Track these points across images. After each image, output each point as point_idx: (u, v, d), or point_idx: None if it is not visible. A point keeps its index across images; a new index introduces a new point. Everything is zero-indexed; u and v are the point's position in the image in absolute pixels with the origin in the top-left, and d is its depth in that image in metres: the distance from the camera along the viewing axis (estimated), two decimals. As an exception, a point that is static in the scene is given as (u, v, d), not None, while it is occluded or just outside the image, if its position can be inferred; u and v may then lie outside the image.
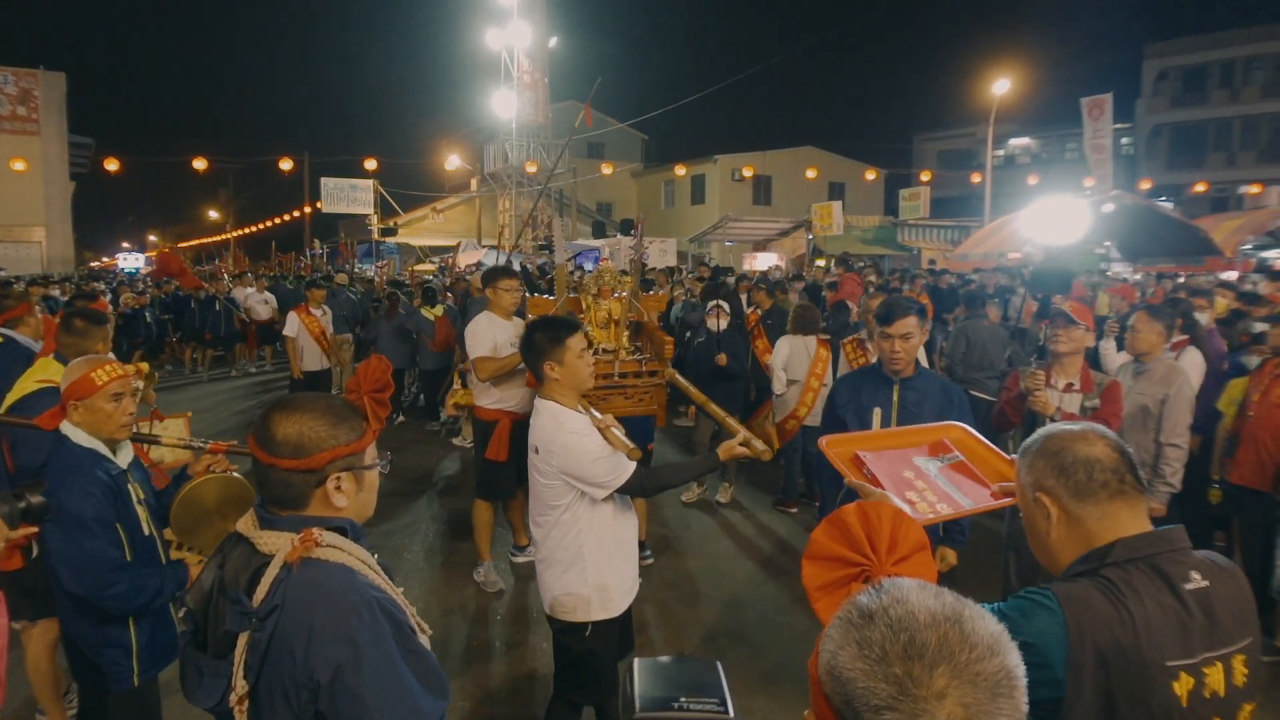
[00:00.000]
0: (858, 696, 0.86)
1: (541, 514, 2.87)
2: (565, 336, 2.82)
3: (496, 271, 5.48)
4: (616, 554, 2.88)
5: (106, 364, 2.65)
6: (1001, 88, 24.89)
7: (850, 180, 36.93)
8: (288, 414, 1.57)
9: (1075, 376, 3.98)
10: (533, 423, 2.85)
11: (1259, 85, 35.82)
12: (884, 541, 1.20)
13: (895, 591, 0.93)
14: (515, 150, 28.34)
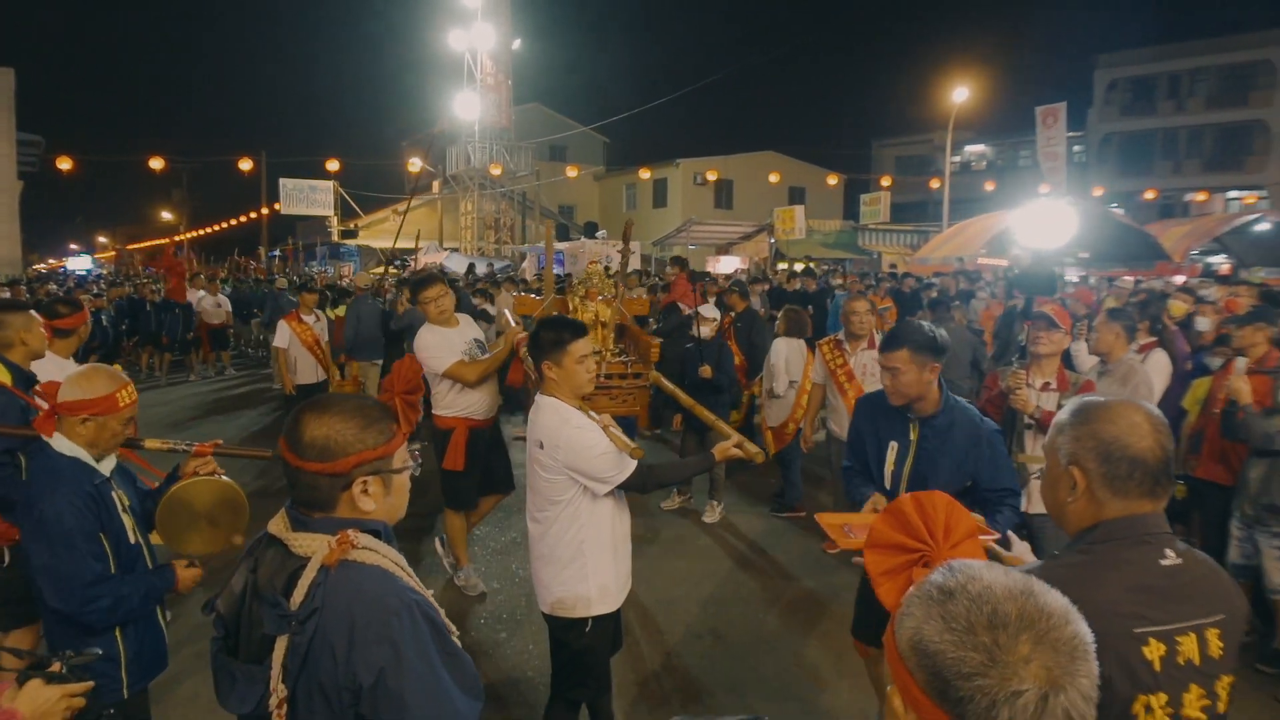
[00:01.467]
0: (948, 666, 0.92)
1: (541, 510, 2.87)
2: (568, 340, 2.81)
3: (419, 283, 4.94)
4: (615, 550, 2.91)
5: (128, 384, 2.55)
6: (960, 95, 25.40)
7: (810, 185, 37.37)
8: (317, 416, 1.56)
9: (1052, 376, 4.11)
10: (534, 419, 2.86)
11: (1203, 96, 37.02)
12: (939, 528, 1.25)
13: (968, 570, 1.00)
14: (478, 152, 28.15)
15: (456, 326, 4.87)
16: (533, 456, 2.84)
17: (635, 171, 36.84)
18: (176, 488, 2.62)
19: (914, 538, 1.24)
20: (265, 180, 27.55)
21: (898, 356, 2.84)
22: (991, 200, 39.35)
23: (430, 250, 26.69)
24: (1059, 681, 0.89)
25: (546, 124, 37.85)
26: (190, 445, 2.72)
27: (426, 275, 5.07)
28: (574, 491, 2.79)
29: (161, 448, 2.74)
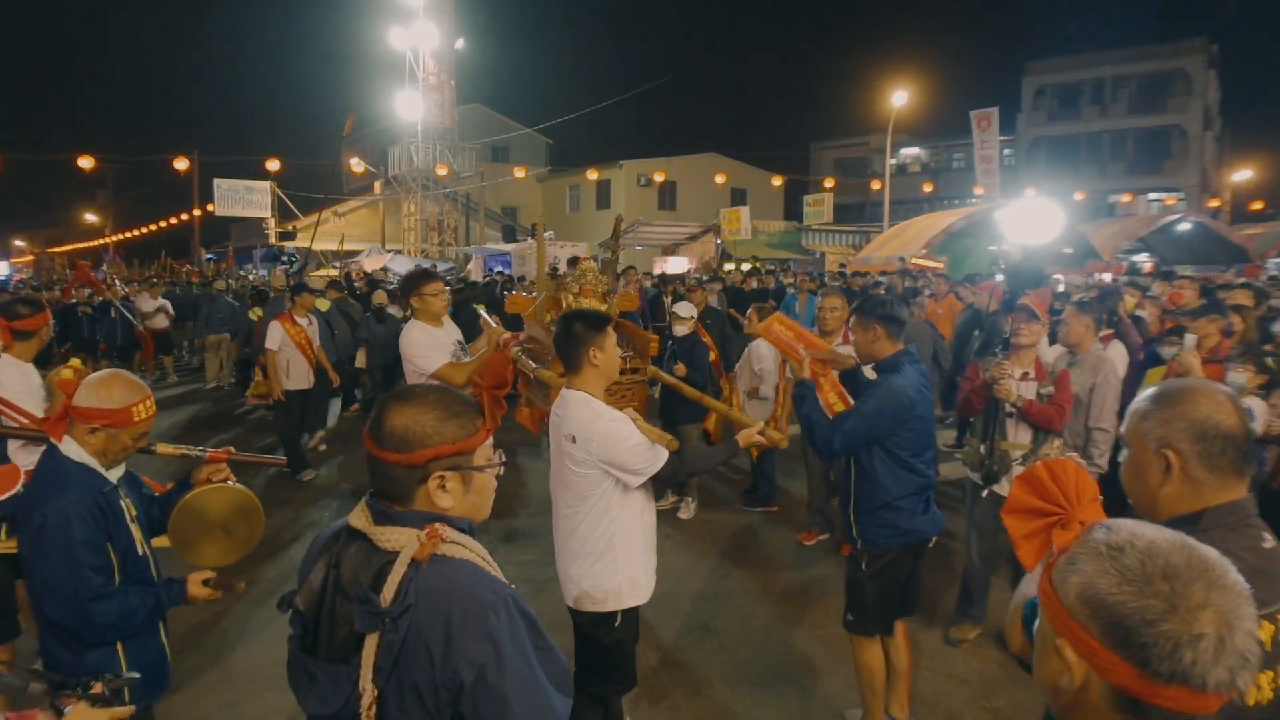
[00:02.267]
0: (1130, 615, 0.97)
1: (570, 505, 2.85)
2: (606, 324, 2.86)
3: (420, 277, 4.85)
4: (644, 544, 2.91)
5: (148, 397, 2.42)
6: (899, 100, 25.98)
7: (752, 186, 37.80)
8: (401, 405, 1.52)
9: (1030, 366, 4.25)
10: (563, 413, 2.84)
11: (1125, 102, 38.63)
12: (1072, 492, 1.29)
13: (1127, 527, 1.06)
14: (420, 152, 27.72)
15: (444, 327, 4.79)
16: (563, 451, 2.82)
17: (579, 173, 36.80)
18: (190, 496, 2.51)
19: (1050, 502, 1.30)
20: (198, 180, 26.67)
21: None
22: (927, 201, 40.49)
23: (372, 253, 26.23)
24: (1231, 623, 0.96)
25: (488, 125, 37.52)
26: (203, 451, 2.62)
27: (423, 271, 4.93)
28: (606, 485, 2.78)
29: (174, 453, 2.65)
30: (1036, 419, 4.22)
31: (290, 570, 5.44)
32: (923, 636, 4.56)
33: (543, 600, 4.98)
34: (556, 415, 2.89)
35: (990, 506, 4.38)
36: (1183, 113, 37.09)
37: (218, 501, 2.53)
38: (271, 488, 7.34)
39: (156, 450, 2.61)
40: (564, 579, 2.94)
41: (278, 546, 5.91)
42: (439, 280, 4.78)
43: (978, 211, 21.10)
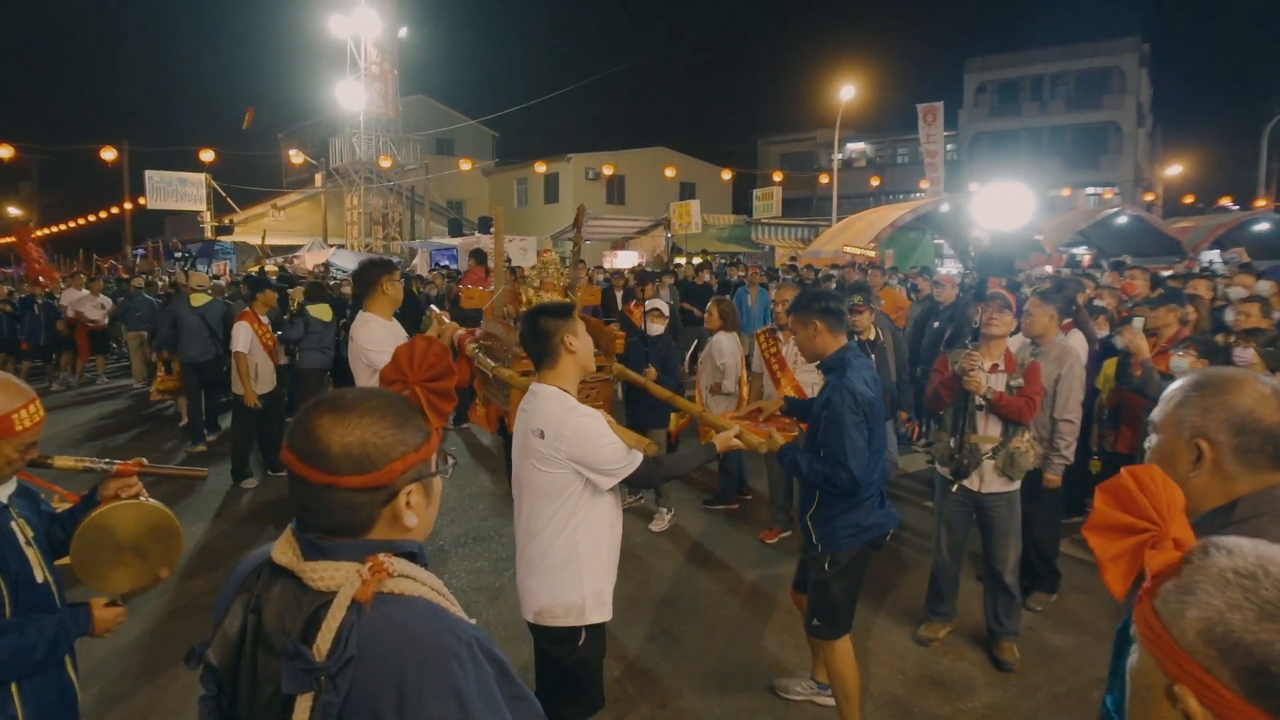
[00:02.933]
0: (1276, 659, 0.81)
1: (533, 507, 2.62)
2: (571, 310, 2.68)
3: (379, 265, 4.63)
4: (610, 554, 2.70)
5: (32, 400, 2.05)
6: (847, 94, 26.14)
7: (701, 180, 37.80)
8: (341, 417, 1.24)
9: (1000, 358, 4.14)
10: (532, 408, 2.61)
11: (1063, 99, 39.57)
12: (1163, 504, 1.11)
13: (1248, 548, 0.89)
14: (363, 144, 26.99)
15: (393, 322, 4.52)
16: (528, 448, 2.59)
17: (527, 166, 36.31)
18: (95, 514, 2.18)
19: (1140, 516, 1.11)
20: (129, 172, 25.58)
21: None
22: (873, 195, 40.92)
23: (314, 247, 25.49)
24: None
25: (433, 116, 36.82)
26: (110, 464, 2.29)
27: (383, 260, 4.67)
28: (575, 487, 2.56)
29: (75, 467, 2.30)
30: (1006, 411, 4.11)
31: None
32: (892, 635, 4.45)
33: (497, 610, 4.75)
34: (524, 410, 2.66)
35: (960, 501, 4.28)
36: (1118, 109, 38.12)
37: (127, 520, 2.22)
38: (209, 495, 6.94)
39: (54, 464, 2.28)
40: (522, 590, 2.70)
41: (216, 557, 5.55)
42: (397, 270, 4.56)
43: (925, 205, 21.30)
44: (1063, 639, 4.46)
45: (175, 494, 6.53)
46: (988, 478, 4.17)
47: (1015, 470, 4.11)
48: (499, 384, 3.67)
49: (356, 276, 4.64)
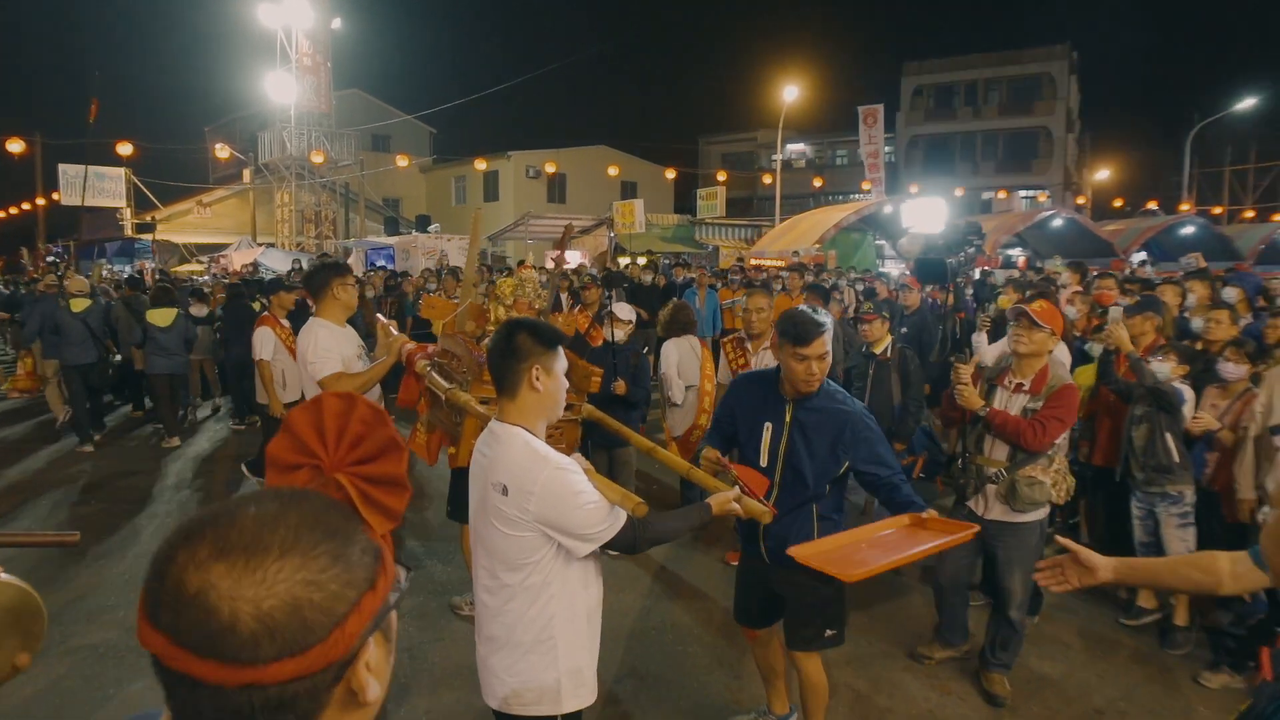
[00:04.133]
0: None
1: (494, 576, 2.19)
2: (557, 343, 2.23)
3: (333, 269, 4.35)
4: (590, 623, 2.28)
5: None
6: (790, 95, 26.13)
7: (642, 179, 37.54)
8: (244, 564, 0.73)
9: (1028, 376, 3.82)
10: (493, 453, 2.18)
11: (996, 104, 40.51)
12: None
13: None
14: (294, 139, 25.95)
15: (346, 329, 4.10)
16: (488, 504, 2.16)
17: (466, 163, 35.53)
18: None
19: None
20: (41, 166, 24.12)
21: (824, 341, 2.92)
22: (813, 196, 41.24)
23: (242, 246, 24.42)
24: None
25: (368, 111, 35.78)
26: None
27: (336, 262, 4.26)
28: (545, 552, 2.13)
29: None
30: (1001, 432, 3.81)
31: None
32: (879, 667, 4.17)
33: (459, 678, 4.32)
34: (481, 455, 2.24)
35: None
36: (1049, 115, 39.15)
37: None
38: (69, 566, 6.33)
39: None
40: (484, 670, 2.28)
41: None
42: (351, 274, 4.14)
43: (868, 207, 21.39)
44: (1051, 666, 4.24)
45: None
46: (991, 503, 3.87)
47: (1017, 501, 3.74)
48: (453, 409, 3.26)
49: (307, 280, 4.21)
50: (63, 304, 8.73)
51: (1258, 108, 32.08)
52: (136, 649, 4.22)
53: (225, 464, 8.11)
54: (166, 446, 8.61)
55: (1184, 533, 4.45)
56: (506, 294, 3.73)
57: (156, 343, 8.52)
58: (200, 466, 8.05)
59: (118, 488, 7.29)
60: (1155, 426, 4.45)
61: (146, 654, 0.74)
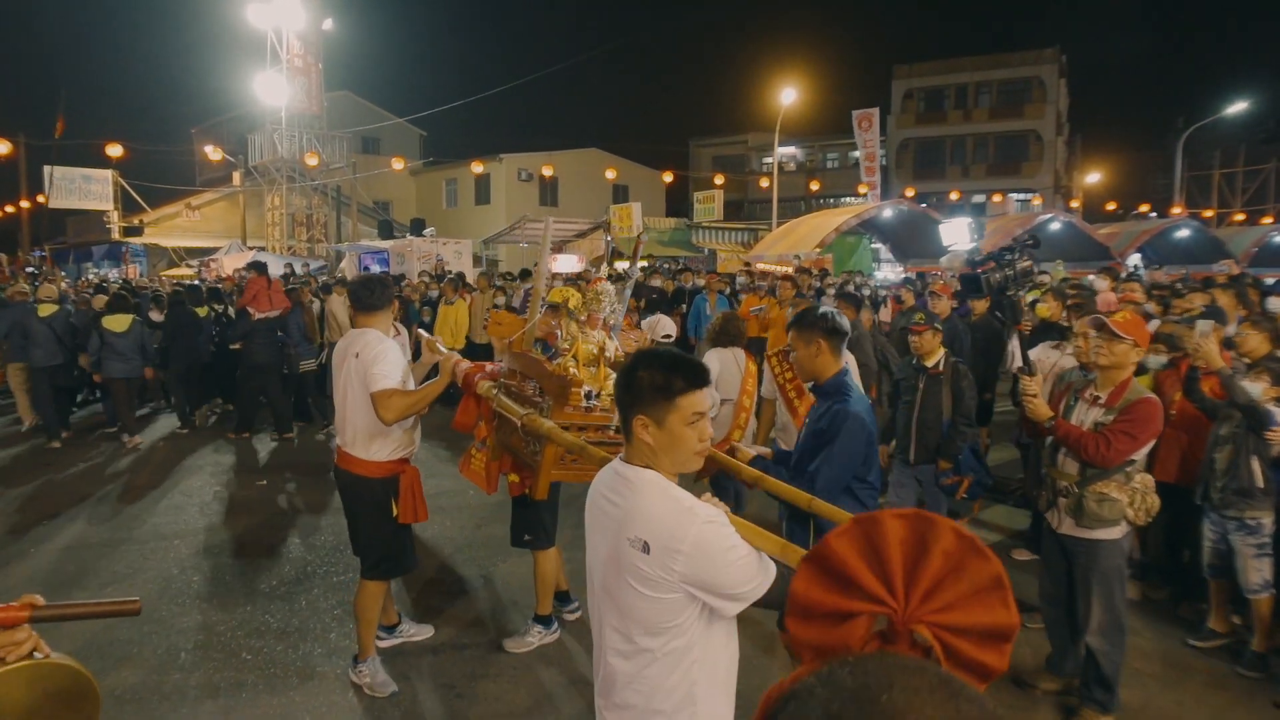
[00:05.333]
0: None
1: (631, 640, 1.91)
2: (680, 390, 1.87)
3: (382, 283, 4.08)
4: (729, 683, 2.00)
5: None
6: (787, 98, 26.02)
7: (634, 182, 37.36)
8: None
9: (1107, 390, 3.66)
10: (626, 503, 1.89)
11: (986, 107, 40.64)
12: None
13: None
14: (285, 141, 25.58)
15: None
16: (623, 561, 1.87)
17: (458, 166, 35.23)
18: None
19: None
20: (25, 167, 23.61)
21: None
22: (804, 200, 41.25)
23: (232, 249, 24.03)
24: None
25: (357, 113, 35.41)
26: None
27: (379, 278, 4.06)
28: (689, 614, 1.86)
29: None
30: (1065, 444, 3.69)
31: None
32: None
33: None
34: (609, 503, 1.95)
35: (1052, 541, 3.91)
36: (1038, 118, 39.31)
37: (16, 691, 1.46)
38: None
39: None
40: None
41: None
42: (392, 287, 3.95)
43: (869, 211, 21.29)
44: (1127, 693, 4.04)
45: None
46: (1063, 518, 3.76)
47: (1084, 517, 3.61)
48: (530, 437, 3.02)
49: (367, 294, 3.98)
50: (33, 309, 9.25)
51: (1246, 112, 32.34)
52: (161, 693, 4.00)
53: (194, 468, 8.29)
54: (130, 445, 9.02)
55: (1260, 563, 4.26)
56: (580, 308, 3.50)
57: (112, 348, 8.96)
58: (165, 472, 8.12)
59: (83, 491, 7.40)
60: (1241, 448, 4.27)
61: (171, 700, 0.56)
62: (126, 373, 9.08)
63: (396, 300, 4.12)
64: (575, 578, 5.18)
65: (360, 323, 3.96)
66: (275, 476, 7.96)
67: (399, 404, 3.62)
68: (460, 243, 23.24)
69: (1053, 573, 3.96)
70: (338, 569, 5.53)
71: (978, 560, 0.90)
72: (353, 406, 3.82)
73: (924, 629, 0.85)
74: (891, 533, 0.93)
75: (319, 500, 7.09)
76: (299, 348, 10.05)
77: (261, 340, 9.45)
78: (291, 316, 10.05)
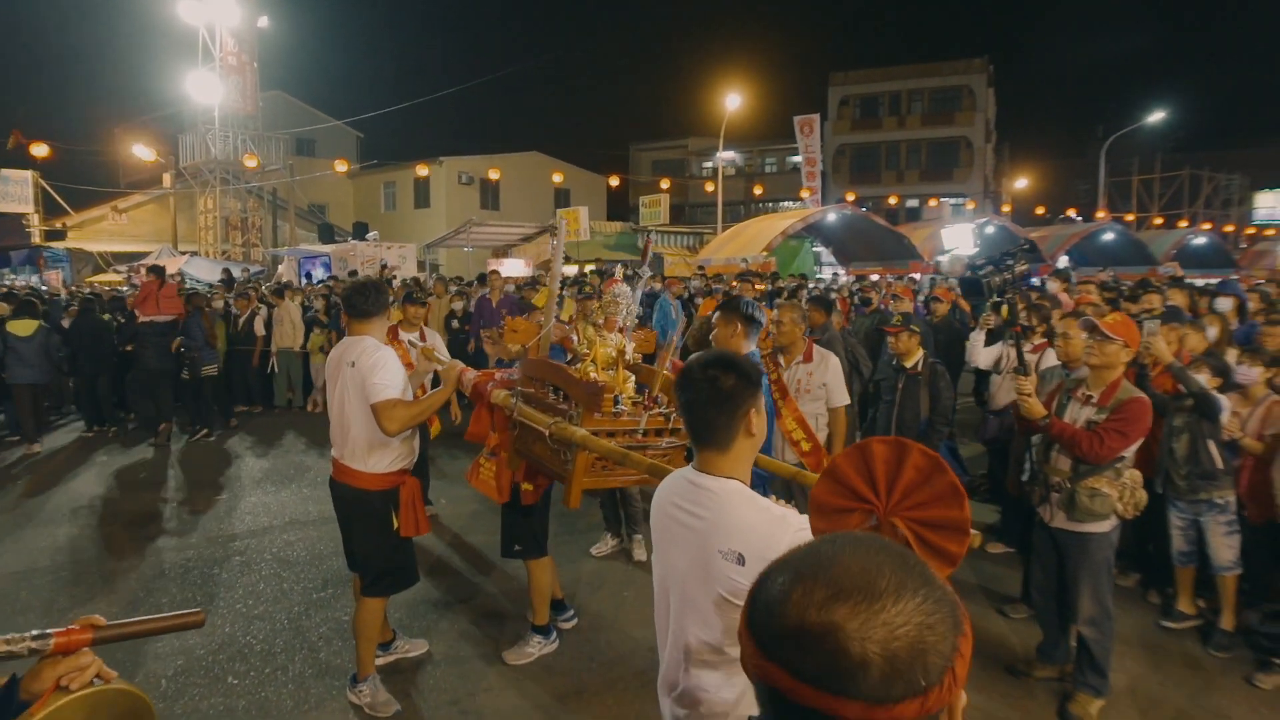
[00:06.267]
0: None
1: (720, 651, 1.89)
2: (759, 379, 1.94)
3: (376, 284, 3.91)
4: None
5: None
6: (734, 104, 26.28)
7: (576, 186, 37.27)
8: (861, 607, 0.75)
9: (1100, 390, 3.80)
10: (710, 515, 1.88)
11: (919, 114, 41.76)
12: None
13: None
14: (219, 142, 24.75)
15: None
16: (712, 574, 1.85)
17: (398, 169, 34.63)
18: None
19: None
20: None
21: None
22: (743, 204, 41.74)
23: (163, 254, 23.14)
24: None
25: (290, 114, 34.55)
26: (44, 637, 1.34)
27: (375, 284, 3.85)
28: None
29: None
30: (1059, 441, 3.84)
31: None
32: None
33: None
34: (690, 515, 1.92)
35: (1043, 534, 4.04)
36: (968, 125, 40.56)
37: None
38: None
39: None
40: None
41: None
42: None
43: (814, 215, 21.65)
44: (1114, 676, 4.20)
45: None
46: (1055, 512, 3.91)
47: (1076, 511, 3.77)
48: (560, 446, 2.95)
49: (360, 301, 3.82)
50: None
51: (1161, 121, 33.92)
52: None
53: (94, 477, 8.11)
54: (27, 454, 8.93)
55: (1230, 540, 4.51)
56: (597, 311, 3.45)
57: (16, 353, 8.96)
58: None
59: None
60: (1196, 435, 4.50)
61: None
62: (31, 379, 9.04)
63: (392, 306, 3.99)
64: (568, 586, 5.15)
65: (354, 330, 3.82)
66: (191, 484, 7.69)
67: (402, 414, 3.52)
68: (405, 247, 22.87)
69: (1044, 564, 4.09)
70: (316, 585, 5.37)
71: (939, 473, 1.20)
72: (350, 417, 3.70)
73: (900, 521, 1.15)
74: (877, 453, 1.27)
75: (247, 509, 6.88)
76: (200, 352, 10.00)
77: (151, 344, 9.48)
78: (192, 321, 10.07)
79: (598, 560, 5.79)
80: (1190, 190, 44.91)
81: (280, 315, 11.73)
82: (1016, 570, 5.43)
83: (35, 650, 1.35)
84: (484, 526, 6.46)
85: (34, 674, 1.35)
